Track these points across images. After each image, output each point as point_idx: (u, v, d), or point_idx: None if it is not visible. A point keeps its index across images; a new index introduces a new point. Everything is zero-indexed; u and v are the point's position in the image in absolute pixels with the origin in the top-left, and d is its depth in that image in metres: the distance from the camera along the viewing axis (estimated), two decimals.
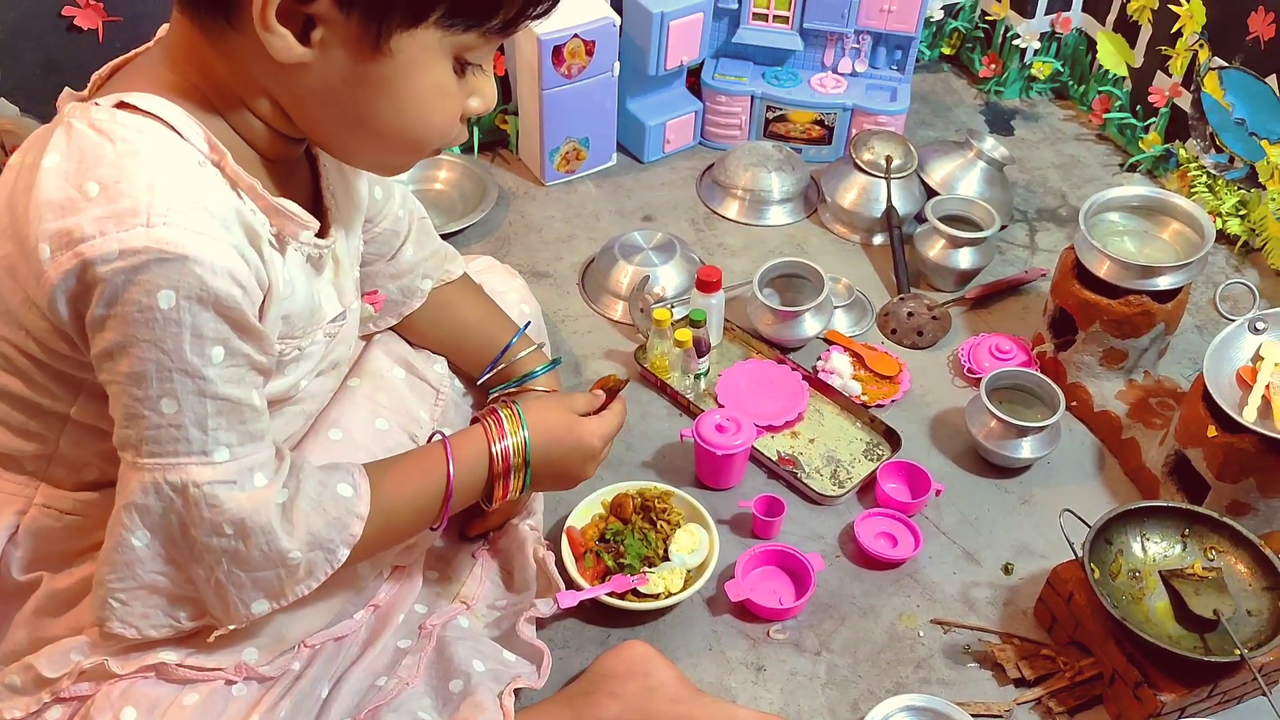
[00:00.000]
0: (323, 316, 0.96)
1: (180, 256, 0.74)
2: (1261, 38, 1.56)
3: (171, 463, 0.79)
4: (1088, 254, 1.33)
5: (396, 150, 0.86)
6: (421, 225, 1.17)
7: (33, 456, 0.90)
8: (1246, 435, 1.14)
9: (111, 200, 0.73)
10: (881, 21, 1.72)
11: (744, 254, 1.63)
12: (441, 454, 0.97)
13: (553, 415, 1.03)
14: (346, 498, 0.89)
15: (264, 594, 0.87)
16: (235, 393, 0.80)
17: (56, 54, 1.45)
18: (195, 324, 0.76)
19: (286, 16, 0.75)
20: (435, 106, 0.82)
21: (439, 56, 0.79)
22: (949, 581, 1.22)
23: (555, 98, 1.62)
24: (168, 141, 0.77)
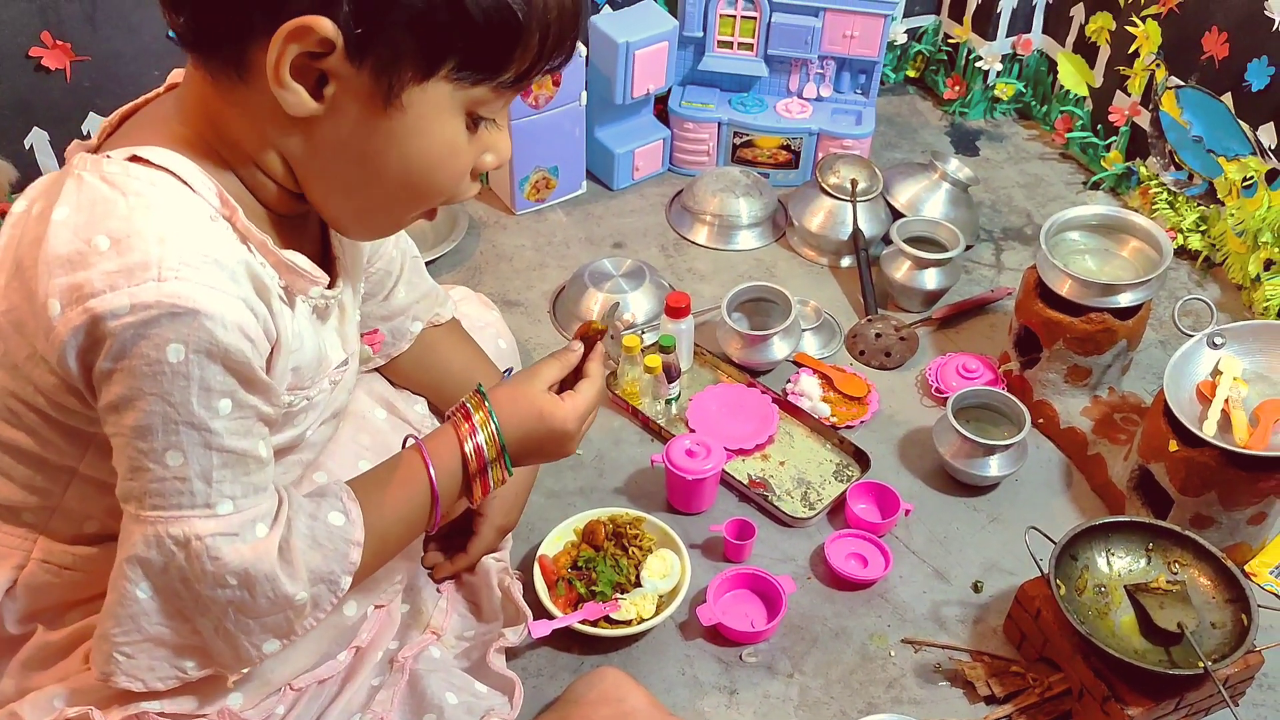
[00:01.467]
0: (329, 364, 0.96)
1: (191, 311, 0.73)
2: (1215, 57, 1.59)
3: (175, 515, 0.79)
4: (1049, 273, 1.35)
5: (398, 205, 0.85)
6: (413, 265, 1.18)
7: (34, 509, 0.90)
8: (1207, 449, 1.16)
9: (122, 254, 0.73)
10: (845, 47, 1.75)
11: (713, 279, 1.65)
12: (420, 462, 0.95)
13: (523, 404, 0.98)
14: (340, 526, 0.88)
15: (273, 635, 0.87)
16: (241, 445, 0.80)
17: (25, 94, 1.46)
18: (203, 377, 0.76)
19: (299, 72, 0.75)
20: (444, 162, 0.81)
21: (450, 111, 0.79)
22: (919, 601, 1.23)
23: (523, 128, 1.64)
24: (180, 196, 0.77)
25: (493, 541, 1.17)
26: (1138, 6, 1.70)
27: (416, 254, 1.20)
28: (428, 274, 1.22)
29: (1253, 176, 1.55)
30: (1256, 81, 1.53)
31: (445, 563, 1.17)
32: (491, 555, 1.17)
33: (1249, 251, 1.56)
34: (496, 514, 1.17)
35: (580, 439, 1.01)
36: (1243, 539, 1.22)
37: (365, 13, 0.73)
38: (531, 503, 1.28)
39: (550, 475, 1.34)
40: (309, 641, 0.99)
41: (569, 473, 1.35)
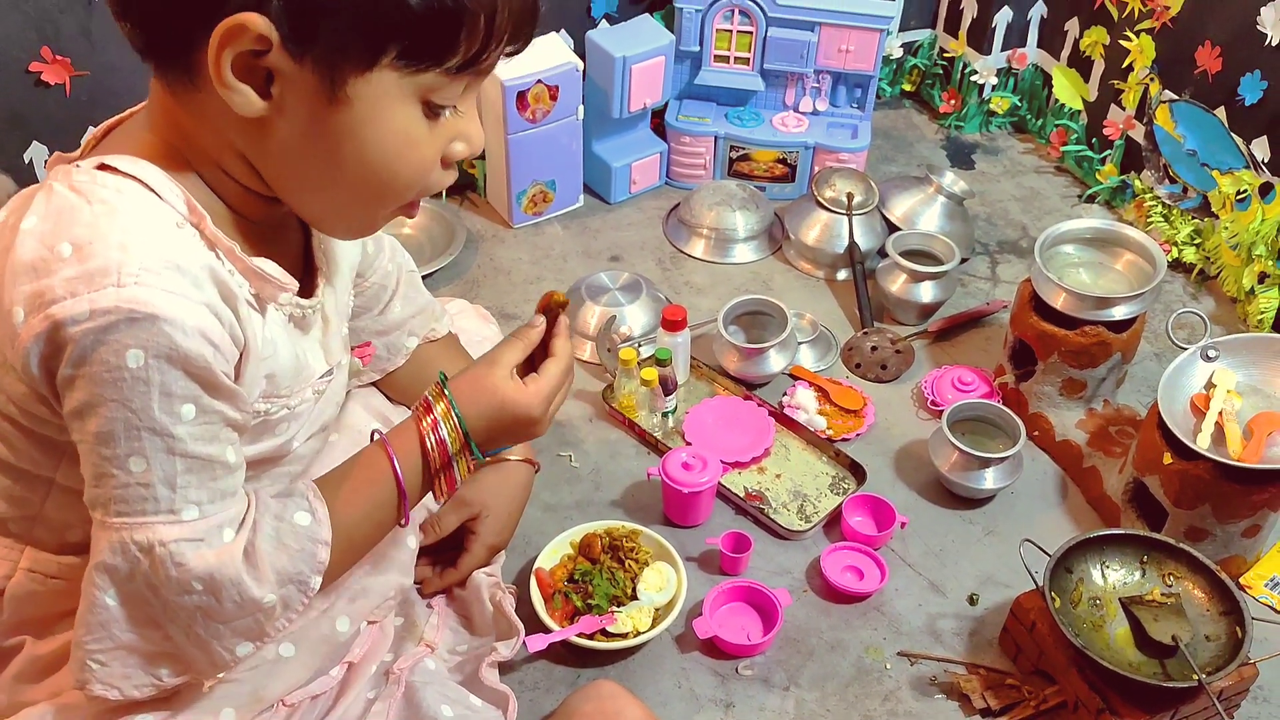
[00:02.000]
0: (311, 374, 0.96)
1: (150, 316, 0.73)
2: (1209, 71, 1.60)
3: (139, 521, 0.79)
4: (1044, 286, 1.35)
5: (367, 201, 0.84)
6: (410, 279, 1.18)
7: (17, 519, 0.90)
8: (1201, 462, 1.17)
9: (83, 261, 0.73)
10: (840, 61, 1.76)
11: (710, 292, 1.65)
12: (384, 458, 0.93)
13: (484, 392, 0.95)
14: (306, 526, 0.88)
15: (244, 638, 0.86)
16: (207, 450, 0.80)
17: (22, 108, 1.47)
18: (164, 383, 0.76)
19: (244, 72, 0.75)
20: (402, 153, 0.80)
21: (401, 100, 0.77)
22: (915, 613, 1.23)
23: (521, 142, 1.65)
24: (145, 202, 0.77)
25: (484, 558, 1.17)
26: (1132, 21, 1.72)
27: (413, 268, 1.21)
28: (424, 288, 1.23)
29: (1246, 190, 1.56)
30: (1249, 96, 1.54)
31: (434, 578, 1.17)
32: (483, 570, 1.17)
33: (1243, 264, 1.57)
34: (488, 532, 1.18)
35: (549, 419, 0.98)
36: (1237, 551, 1.22)
37: (296, 6, 0.73)
38: (528, 516, 1.28)
39: (547, 488, 1.34)
40: (301, 658, 1.00)
41: (565, 486, 1.35)
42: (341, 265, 1.01)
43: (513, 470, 1.22)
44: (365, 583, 1.05)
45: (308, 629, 1.00)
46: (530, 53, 1.61)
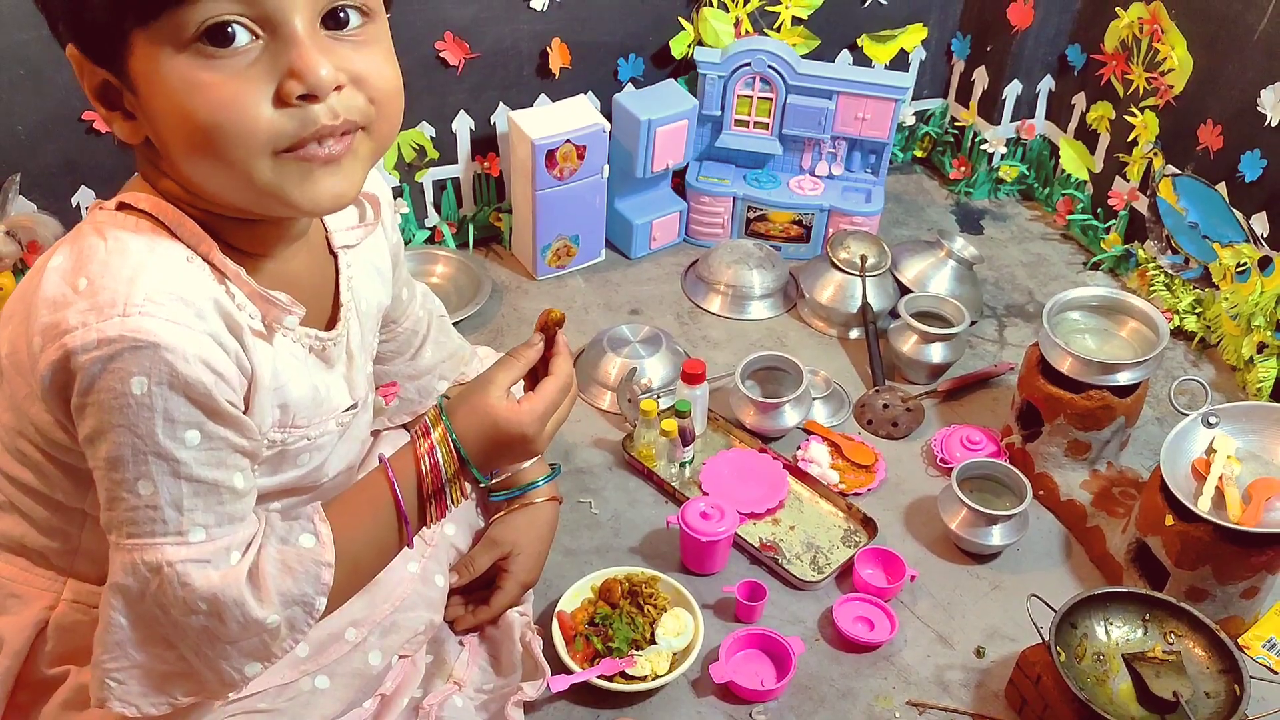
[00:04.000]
0: (333, 407, 0.98)
1: (152, 344, 0.77)
2: (1210, 148, 1.66)
3: (148, 543, 0.81)
4: (1051, 351, 1.40)
5: (226, 162, 0.78)
6: (440, 325, 1.23)
7: (58, 552, 0.94)
8: (1202, 524, 1.21)
9: (95, 294, 0.78)
10: (857, 129, 1.82)
11: (726, 347, 1.70)
12: (385, 482, 0.95)
13: (478, 414, 0.96)
14: (310, 548, 0.89)
15: (251, 658, 0.88)
16: (213, 475, 0.83)
17: (75, 155, 1.53)
18: (167, 409, 0.79)
19: (102, 99, 0.80)
20: (198, 101, 0.75)
21: (164, 54, 0.75)
22: (924, 664, 1.26)
23: (548, 198, 1.71)
24: (155, 238, 0.82)
25: (516, 596, 1.21)
26: (1137, 98, 1.79)
27: (443, 313, 1.25)
28: (455, 333, 1.27)
29: (1246, 263, 1.61)
30: (1250, 173, 1.60)
31: (467, 615, 1.21)
32: (516, 609, 1.21)
33: (1243, 334, 1.62)
34: (520, 570, 1.22)
35: (547, 438, 0.99)
36: (1236, 612, 1.26)
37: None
38: (550, 560, 1.33)
39: (567, 534, 1.38)
40: (335, 690, 1.03)
41: (585, 532, 1.40)
42: (369, 304, 1.04)
43: (540, 510, 1.26)
44: (395, 618, 1.09)
45: (341, 662, 1.04)
46: (560, 113, 1.70)
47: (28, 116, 1.47)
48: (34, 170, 1.52)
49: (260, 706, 0.99)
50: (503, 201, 1.86)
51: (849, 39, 1.94)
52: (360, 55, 0.80)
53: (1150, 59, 1.74)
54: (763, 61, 1.76)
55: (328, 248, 1.00)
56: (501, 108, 1.77)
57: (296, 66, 0.76)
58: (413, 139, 1.74)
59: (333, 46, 0.78)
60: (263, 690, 0.99)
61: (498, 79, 1.74)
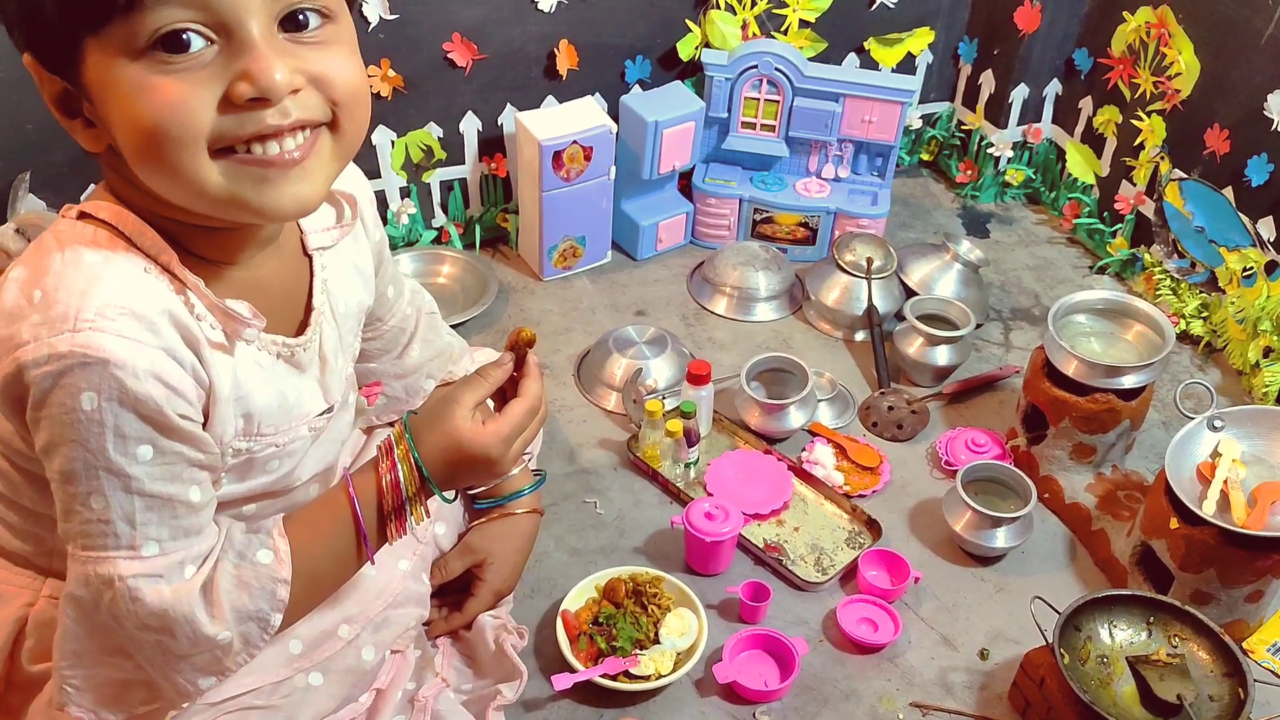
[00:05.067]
0: (305, 413, 0.97)
1: (101, 360, 0.76)
2: (1217, 152, 1.66)
3: (101, 555, 0.82)
4: (1056, 354, 1.40)
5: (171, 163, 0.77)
6: (430, 321, 1.23)
7: (35, 553, 0.95)
8: (1206, 528, 1.21)
9: (47, 307, 0.77)
10: (863, 131, 1.83)
11: (732, 348, 1.71)
12: (346, 498, 0.95)
13: (441, 433, 0.96)
14: (267, 564, 0.90)
15: (204, 673, 0.89)
16: (167, 490, 0.82)
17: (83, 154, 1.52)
18: (117, 425, 0.78)
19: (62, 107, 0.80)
20: (144, 104, 0.74)
21: (117, 61, 0.74)
22: (928, 666, 1.27)
23: (554, 199, 1.71)
24: (111, 249, 0.80)
25: (489, 603, 1.22)
26: (1143, 102, 1.79)
27: (434, 310, 1.24)
28: (445, 331, 1.26)
29: (1252, 267, 1.61)
30: (1256, 177, 1.60)
31: (440, 620, 1.21)
32: (489, 613, 1.21)
33: (1249, 338, 1.62)
34: (494, 578, 1.22)
35: (512, 460, 0.98)
36: (1241, 616, 1.26)
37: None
38: (554, 560, 1.34)
39: (572, 533, 1.39)
40: (330, 687, 1.04)
41: (590, 532, 1.40)
42: (348, 305, 1.03)
43: (519, 521, 1.26)
44: (388, 614, 1.10)
45: (335, 659, 1.05)
46: (568, 115, 1.70)
47: (37, 115, 1.48)
48: (44, 168, 1.53)
49: (255, 704, 1.00)
50: (510, 202, 1.87)
51: (856, 42, 1.94)
52: (320, 56, 0.79)
53: (1157, 63, 1.74)
54: (770, 64, 1.77)
55: (302, 249, 0.98)
56: (509, 109, 1.77)
57: (249, 69, 0.75)
58: (420, 139, 1.74)
59: (291, 49, 0.77)
60: (257, 688, 0.99)
61: (505, 80, 1.75)
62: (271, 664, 1.00)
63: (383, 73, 1.63)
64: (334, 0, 0.80)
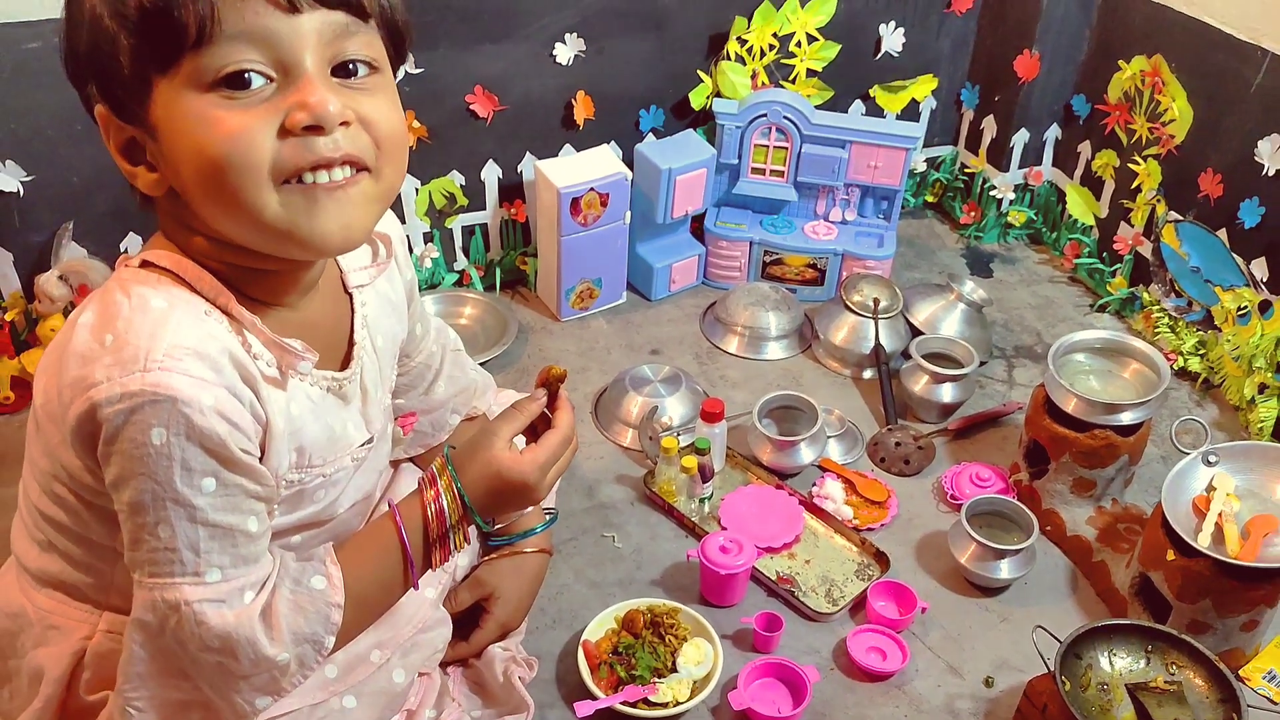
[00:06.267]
0: (350, 444, 1.04)
1: (170, 398, 0.82)
2: (1211, 196, 1.72)
3: (167, 582, 0.87)
4: (1056, 392, 1.46)
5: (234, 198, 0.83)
6: (455, 359, 1.29)
7: (94, 587, 1.00)
8: (1202, 559, 1.26)
9: (119, 350, 0.83)
10: (869, 176, 1.89)
11: (744, 386, 1.76)
12: (393, 527, 1.00)
13: (481, 464, 1.01)
14: (321, 590, 0.95)
15: (262, 692, 0.94)
16: (228, 520, 0.88)
17: (125, 204, 1.55)
18: (184, 458, 0.84)
19: (125, 152, 0.86)
20: (210, 136, 0.81)
21: (184, 96, 0.80)
22: (934, 693, 1.31)
23: (572, 243, 1.78)
24: (174, 294, 0.87)
25: (494, 636, 1.27)
26: (1140, 146, 1.85)
27: (459, 348, 1.30)
28: (470, 366, 1.32)
29: (1246, 306, 1.67)
30: (1249, 219, 1.66)
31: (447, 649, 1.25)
32: (499, 645, 1.26)
33: (1244, 375, 1.67)
34: (501, 612, 1.28)
35: (548, 487, 1.04)
36: (1237, 644, 1.31)
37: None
38: (575, 592, 1.39)
39: (591, 566, 1.44)
40: (363, 709, 1.08)
41: (609, 565, 1.45)
42: (386, 339, 1.10)
43: (528, 560, 1.32)
44: (416, 639, 1.14)
45: (367, 682, 1.09)
46: (585, 163, 1.77)
47: (82, 168, 1.56)
48: (86, 218, 1.60)
49: None
50: (529, 246, 1.94)
51: (861, 90, 2.01)
52: (367, 100, 0.86)
53: (1152, 110, 1.81)
54: (778, 112, 1.84)
55: (343, 288, 1.05)
56: (528, 157, 1.85)
57: (306, 100, 0.81)
58: (444, 186, 1.81)
59: (341, 90, 0.84)
60: (295, 709, 1.04)
61: (525, 130, 1.82)
62: (309, 688, 1.04)
63: (408, 124, 1.70)
64: (380, 54, 0.88)
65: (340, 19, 0.83)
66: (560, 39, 1.76)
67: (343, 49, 0.84)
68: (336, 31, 0.83)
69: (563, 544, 1.45)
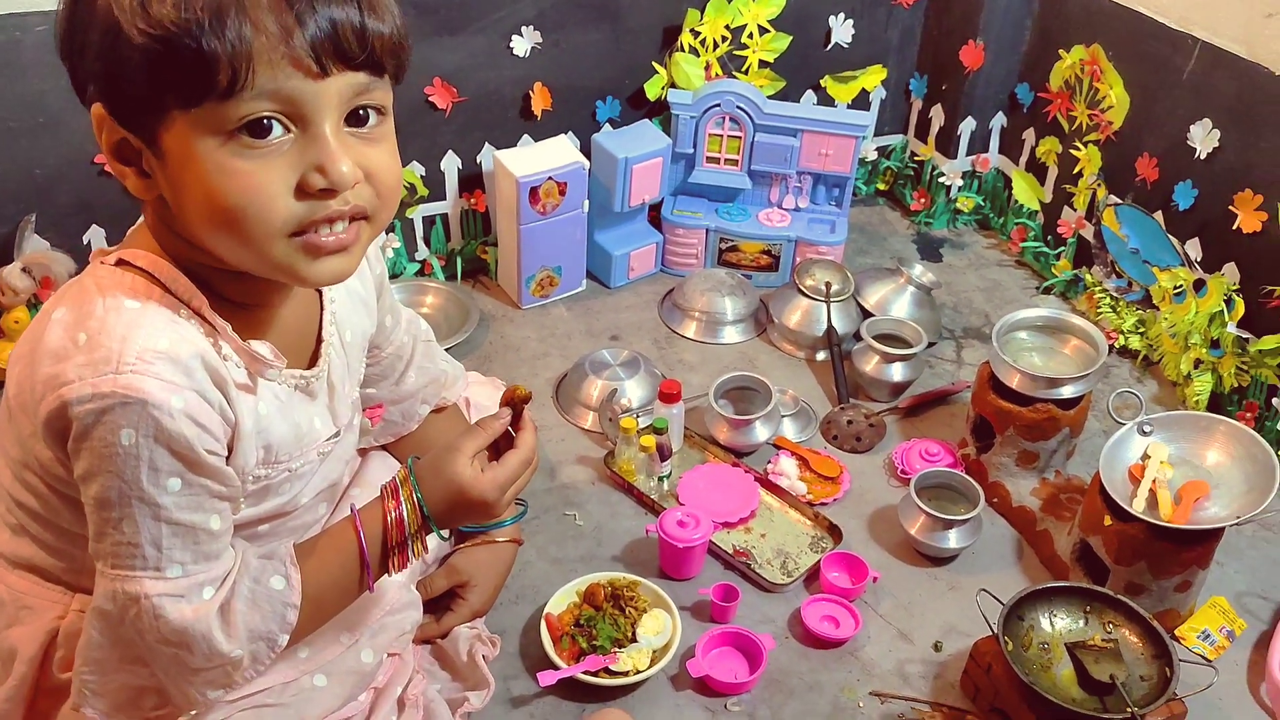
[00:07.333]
0: (316, 438, 1.05)
1: (140, 401, 0.83)
2: (1147, 179, 1.79)
3: (129, 575, 0.89)
4: (1000, 368, 1.51)
5: (244, 240, 0.85)
6: (426, 350, 1.31)
7: (65, 570, 1.02)
8: (1136, 524, 1.31)
9: (92, 350, 0.84)
10: (820, 164, 1.94)
11: (701, 369, 1.81)
12: (353, 532, 1.03)
13: (444, 478, 1.04)
14: (279, 590, 0.97)
15: (214, 686, 0.96)
16: (191, 518, 0.90)
17: (88, 196, 1.63)
18: (152, 459, 0.86)
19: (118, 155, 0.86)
20: (228, 186, 0.82)
21: (199, 139, 0.81)
22: (886, 658, 1.36)
23: (531, 231, 1.81)
24: (149, 296, 0.88)
25: (465, 619, 1.31)
26: (1081, 133, 1.91)
27: (430, 339, 1.33)
28: (441, 356, 1.35)
29: (1182, 285, 1.73)
30: (1183, 202, 1.73)
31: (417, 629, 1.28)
32: (465, 624, 1.30)
33: (1181, 351, 1.73)
34: (474, 599, 1.32)
35: (506, 504, 1.07)
36: (1171, 605, 1.37)
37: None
38: (537, 568, 1.43)
39: (554, 544, 1.48)
40: (333, 687, 1.12)
41: (570, 542, 1.49)
42: (354, 334, 1.12)
43: (501, 549, 1.37)
44: (385, 621, 1.18)
45: (337, 662, 1.13)
46: (543, 153, 1.81)
47: (45, 160, 1.57)
48: (49, 210, 1.61)
49: (268, 702, 1.08)
50: (489, 235, 1.97)
51: (813, 80, 2.06)
52: (373, 151, 0.88)
53: (1091, 97, 1.87)
54: (731, 102, 1.88)
55: None
56: (487, 147, 1.88)
57: (323, 164, 0.83)
58: (404, 177, 1.84)
59: (352, 144, 0.86)
60: (267, 688, 1.08)
61: (483, 121, 1.85)
62: (281, 667, 1.08)
63: None
64: (388, 97, 0.90)
65: (362, 79, 0.85)
66: (517, 31, 1.79)
67: (358, 100, 0.86)
68: (357, 90, 0.85)
69: (526, 524, 1.48)
